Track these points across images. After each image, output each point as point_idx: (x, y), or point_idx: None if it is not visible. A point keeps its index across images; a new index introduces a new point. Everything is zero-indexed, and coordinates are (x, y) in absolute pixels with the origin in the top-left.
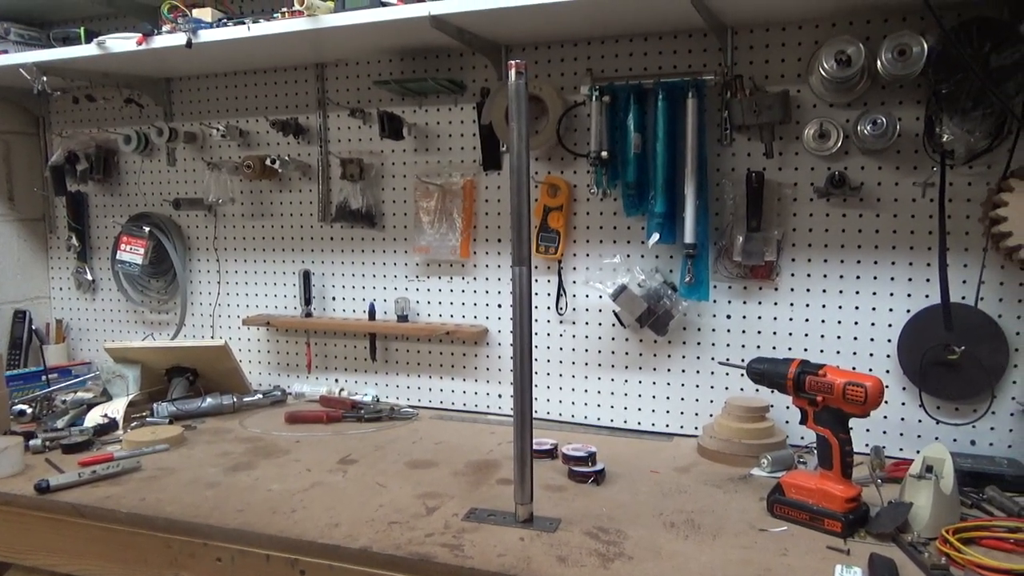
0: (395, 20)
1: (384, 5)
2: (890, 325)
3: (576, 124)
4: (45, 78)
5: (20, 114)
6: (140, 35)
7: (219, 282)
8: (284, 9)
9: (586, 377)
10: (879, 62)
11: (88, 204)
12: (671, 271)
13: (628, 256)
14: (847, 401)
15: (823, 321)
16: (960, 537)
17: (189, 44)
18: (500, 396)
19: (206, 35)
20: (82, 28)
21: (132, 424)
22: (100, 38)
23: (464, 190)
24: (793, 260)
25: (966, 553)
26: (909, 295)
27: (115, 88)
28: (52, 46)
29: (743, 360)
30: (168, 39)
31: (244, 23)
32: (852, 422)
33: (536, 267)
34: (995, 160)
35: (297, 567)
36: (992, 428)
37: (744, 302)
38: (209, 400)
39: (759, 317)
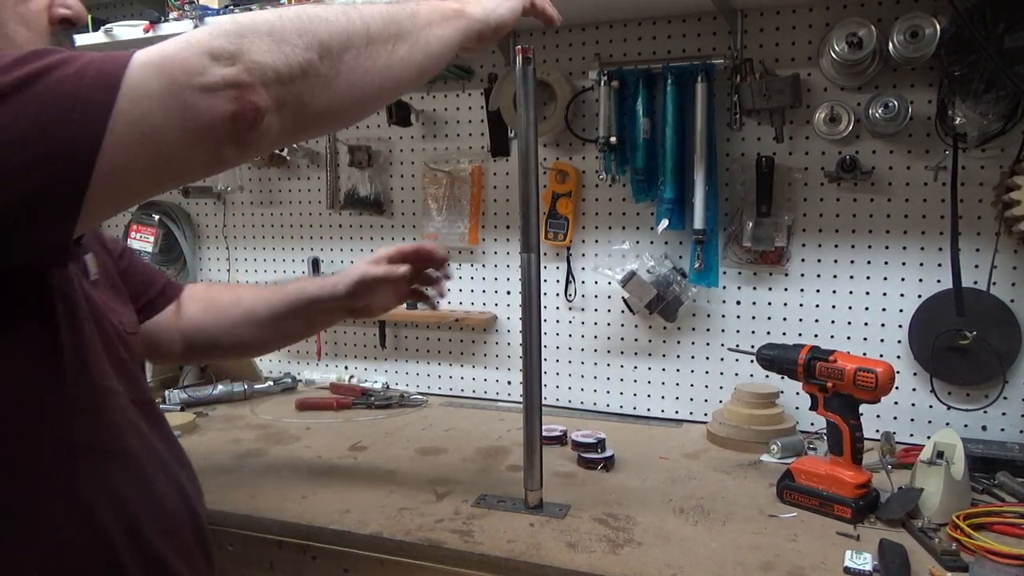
0: None
1: None
2: (901, 310)
3: (584, 110)
4: None
5: None
6: (147, 22)
7: (229, 270)
8: None
9: (595, 364)
10: (891, 44)
11: None
12: (680, 257)
13: (637, 242)
14: (857, 387)
15: (833, 307)
16: (971, 523)
17: None
18: (509, 383)
19: (213, 22)
20: (89, 16)
21: None
22: (107, 25)
23: (472, 176)
24: (803, 245)
25: (977, 539)
26: (920, 280)
27: None
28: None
29: (753, 346)
30: (175, 26)
31: (251, 9)
32: (862, 408)
33: (545, 254)
34: (1008, 143)
35: (308, 553)
36: (1004, 413)
37: (754, 288)
38: (220, 387)
39: (769, 303)
